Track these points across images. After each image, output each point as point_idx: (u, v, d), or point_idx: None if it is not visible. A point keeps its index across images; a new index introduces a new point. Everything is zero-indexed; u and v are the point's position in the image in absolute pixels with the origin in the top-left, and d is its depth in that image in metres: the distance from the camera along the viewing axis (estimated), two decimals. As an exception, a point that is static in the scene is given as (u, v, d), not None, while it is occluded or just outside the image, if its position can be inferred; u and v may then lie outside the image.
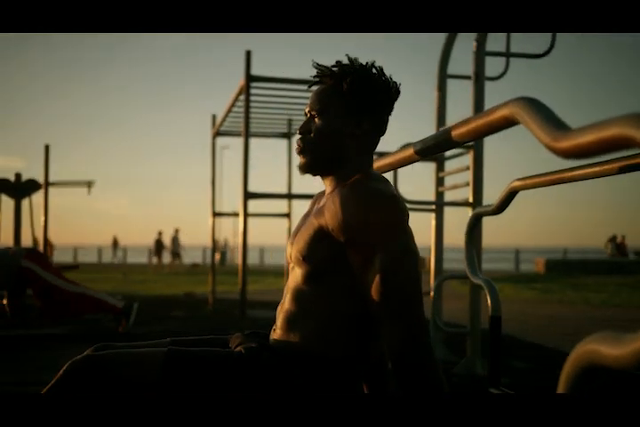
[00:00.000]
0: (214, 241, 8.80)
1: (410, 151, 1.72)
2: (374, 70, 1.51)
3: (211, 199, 8.71)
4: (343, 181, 1.49)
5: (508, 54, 4.75)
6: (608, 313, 8.67)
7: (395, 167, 1.85)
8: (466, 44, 4.91)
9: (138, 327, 6.12)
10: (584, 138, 1.06)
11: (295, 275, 1.50)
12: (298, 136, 1.56)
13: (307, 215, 1.60)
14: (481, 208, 2.38)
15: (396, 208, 1.37)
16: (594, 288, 13.12)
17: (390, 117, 1.57)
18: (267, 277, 16.51)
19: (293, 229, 1.60)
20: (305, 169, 1.54)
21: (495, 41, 4.69)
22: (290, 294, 1.50)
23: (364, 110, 1.49)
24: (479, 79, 4.38)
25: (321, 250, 1.41)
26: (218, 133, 8.73)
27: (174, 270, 20.89)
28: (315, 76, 1.54)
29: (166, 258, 22.57)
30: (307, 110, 1.55)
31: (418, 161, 1.75)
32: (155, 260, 22.21)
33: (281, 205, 9.94)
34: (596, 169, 1.61)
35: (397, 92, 1.54)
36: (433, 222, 4.80)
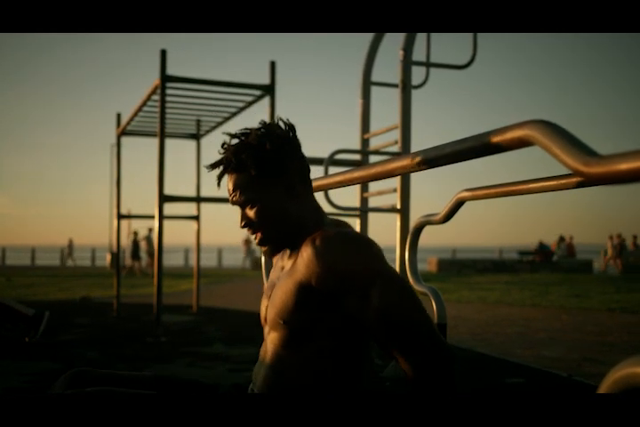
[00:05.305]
0: (119, 244, 8.49)
1: (407, 161, 1.72)
2: (262, 133, 1.46)
3: (115, 201, 8.41)
4: (305, 237, 1.44)
5: (428, 64, 4.88)
6: (505, 312, 9.11)
7: (386, 177, 1.85)
8: (389, 53, 5.02)
9: (43, 336, 5.80)
10: (624, 164, 1.10)
11: (273, 338, 1.44)
12: (244, 228, 1.51)
13: (276, 275, 1.54)
14: (426, 217, 2.42)
15: (373, 250, 1.36)
16: (486, 287, 13.75)
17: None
18: (163, 279, 16.09)
19: (265, 289, 1.54)
20: (267, 244, 1.49)
21: (418, 50, 4.81)
22: (269, 358, 1.45)
23: (285, 175, 1.46)
24: (406, 87, 4.48)
25: (302, 310, 1.37)
26: (123, 133, 8.43)
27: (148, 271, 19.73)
28: (219, 174, 1.49)
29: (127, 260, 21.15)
30: (232, 201, 1.50)
31: (412, 172, 1.76)
32: (129, 262, 20.83)
33: (185, 207, 9.69)
34: (540, 184, 1.69)
35: (295, 137, 1.50)
36: (358, 228, 4.86)
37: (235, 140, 1.47)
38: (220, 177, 1.50)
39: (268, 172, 1.45)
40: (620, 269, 20.13)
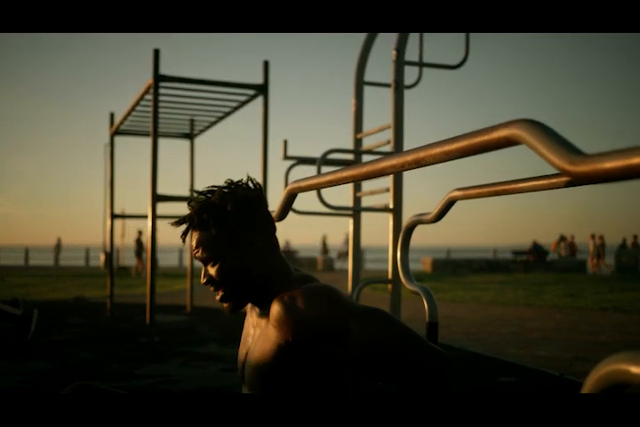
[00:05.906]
0: (113, 244, 8.47)
1: (396, 161, 1.72)
2: (225, 193, 1.48)
3: (109, 201, 8.39)
4: (272, 294, 1.46)
5: (421, 64, 4.89)
6: (499, 311, 9.13)
7: (377, 176, 1.85)
8: (382, 52, 5.02)
9: (36, 336, 5.81)
10: (609, 163, 1.11)
11: None
12: (208, 284, 1.53)
13: (248, 331, 1.56)
14: (417, 216, 2.42)
15: (340, 297, 1.38)
16: (480, 287, 13.78)
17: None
18: (156, 279, 16.06)
19: (240, 345, 1.57)
20: (228, 301, 1.51)
21: (411, 50, 4.82)
22: None
23: (246, 234, 1.49)
24: (399, 87, 4.48)
25: (283, 369, 1.39)
26: (117, 132, 8.42)
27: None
28: (184, 232, 1.52)
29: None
30: (195, 257, 1.52)
31: (402, 171, 1.76)
32: (136, 261, 20.71)
33: (180, 206, 9.66)
34: (530, 184, 1.70)
35: (260, 196, 1.52)
36: (351, 228, 4.86)
37: (201, 197, 1.51)
38: (184, 234, 1.54)
39: (229, 231, 1.48)
40: (611, 269, 20.16)
